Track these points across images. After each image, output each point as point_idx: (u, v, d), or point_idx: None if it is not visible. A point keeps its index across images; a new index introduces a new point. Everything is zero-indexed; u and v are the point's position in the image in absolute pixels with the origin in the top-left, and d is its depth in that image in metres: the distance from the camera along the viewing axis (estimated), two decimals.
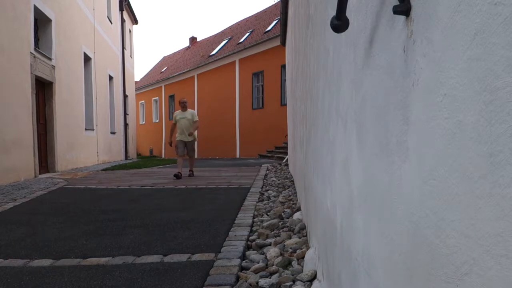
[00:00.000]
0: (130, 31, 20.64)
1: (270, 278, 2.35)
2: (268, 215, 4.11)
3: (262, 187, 6.17)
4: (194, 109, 24.26)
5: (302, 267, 2.48)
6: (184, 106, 8.19)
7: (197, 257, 2.76)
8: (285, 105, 12.28)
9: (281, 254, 2.71)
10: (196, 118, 8.18)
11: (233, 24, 24.92)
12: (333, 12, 0.99)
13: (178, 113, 8.22)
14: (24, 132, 8.16)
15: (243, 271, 2.50)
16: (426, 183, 0.65)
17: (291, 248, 2.86)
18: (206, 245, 3.05)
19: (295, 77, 5.27)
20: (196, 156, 9.51)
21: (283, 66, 14.50)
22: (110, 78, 15.94)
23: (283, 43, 10.21)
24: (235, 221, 3.79)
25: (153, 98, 27.99)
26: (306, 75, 3.32)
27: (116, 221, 3.99)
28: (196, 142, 8.54)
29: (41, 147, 9.36)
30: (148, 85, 28.52)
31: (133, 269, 2.56)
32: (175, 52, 32.17)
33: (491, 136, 0.47)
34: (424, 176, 0.66)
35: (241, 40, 20.13)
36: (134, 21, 21.28)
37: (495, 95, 0.46)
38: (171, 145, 8.21)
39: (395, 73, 0.81)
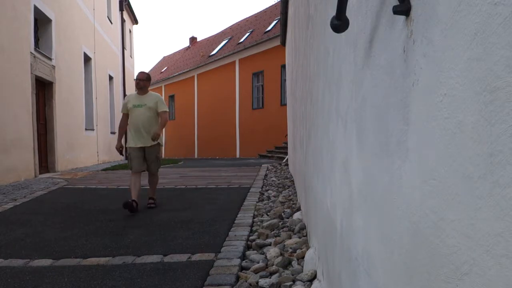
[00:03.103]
0: (130, 31, 20.63)
1: (270, 278, 2.35)
2: (268, 215, 4.11)
3: (262, 187, 6.17)
4: (194, 109, 24.38)
5: (302, 267, 2.48)
6: (142, 86, 4.78)
7: (197, 257, 2.76)
8: (285, 105, 12.28)
9: (281, 254, 2.71)
10: (164, 108, 4.79)
11: (233, 24, 24.92)
12: (333, 12, 0.99)
13: (131, 98, 4.81)
14: (24, 132, 8.15)
15: (243, 271, 2.50)
16: (426, 183, 0.65)
17: (291, 248, 2.86)
18: (206, 245, 3.05)
19: (295, 77, 5.27)
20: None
21: (283, 66, 14.50)
22: (110, 78, 15.94)
23: (283, 43, 10.21)
24: (235, 221, 3.79)
25: None
26: (306, 75, 3.32)
27: (116, 221, 3.99)
28: (161, 148, 5.05)
29: (41, 147, 9.36)
30: None
31: (133, 269, 2.56)
32: (175, 52, 32.16)
33: (491, 136, 0.47)
34: (424, 176, 0.66)
35: (241, 40, 20.13)
36: (134, 21, 21.27)
37: (495, 95, 0.46)
38: (121, 153, 4.82)
39: (395, 73, 0.81)
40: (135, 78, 4.89)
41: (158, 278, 2.38)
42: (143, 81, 4.81)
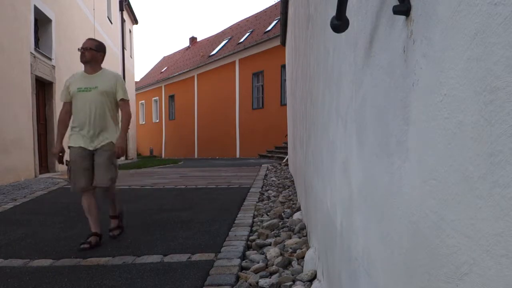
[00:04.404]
0: (130, 31, 20.63)
1: (270, 278, 2.35)
2: (268, 215, 4.10)
3: (262, 187, 6.17)
4: (194, 109, 24.36)
5: (302, 267, 2.47)
6: (89, 59, 3.18)
7: (197, 257, 2.76)
8: (285, 105, 12.28)
9: (281, 254, 2.71)
10: (125, 95, 3.24)
11: (233, 24, 24.91)
12: (333, 12, 0.99)
13: (75, 79, 3.21)
14: (24, 132, 8.15)
15: (243, 271, 2.50)
16: (426, 183, 0.65)
17: (291, 248, 2.86)
18: (206, 245, 3.05)
19: (295, 77, 5.27)
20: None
21: (283, 66, 14.50)
22: None
23: (283, 43, 10.20)
24: (235, 221, 3.79)
25: (153, 98, 28.00)
26: (306, 75, 3.32)
27: None
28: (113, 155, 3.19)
29: (41, 147, 9.36)
30: (148, 85, 28.52)
31: (133, 269, 2.56)
32: (175, 52, 32.16)
33: (491, 136, 0.47)
34: (424, 176, 0.66)
35: (241, 40, 20.13)
36: (134, 21, 21.27)
37: (495, 95, 0.46)
38: (61, 161, 3.18)
39: (395, 73, 0.81)
40: (82, 46, 3.20)
41: (158, 278, 2.38)
42: (91, 51, 3.14)
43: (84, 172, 3.12)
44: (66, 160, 3.18)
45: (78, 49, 3.22)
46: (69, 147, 3.19)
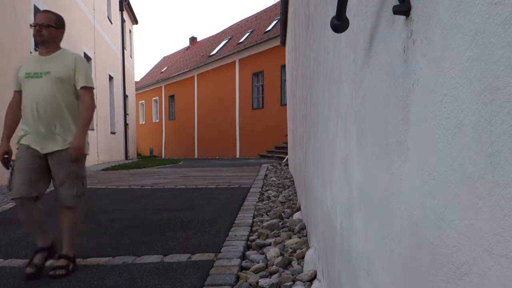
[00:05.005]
0: (130, 31, 20.64)
1: (270, 278, 2.35)
2: (268, 215, 4.11)
3: (262, 187, 6.17)
4: (194, 109, 24.33)
5: (302, 267, 2.48)
6: (45, 39, 2.51)
7: (197, 257, 2.76)
8: (285, 105, 12.29)
9: (281, 254, 2.71)
10: (87, 82, 2.52)
11: (233, 24, 24.92)
12: (333, 12, 0.99)
13: (29, 61, 2.74)
14: None
15: (243, 271, 2.50)
16: (426, 183, 0.65)
17: (291, 248, 2.86)
18: (206, 245, 3.05)
19: (295, 77, 5.27)
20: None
21: (283, 66, 14.50)
22: (110, 78, 15.95)
23: (283, 43, 10.21)
24: (235, 221, 3.79)
25: (153, 98, 28.01)
26: (306, 75, 3.32)
27: (116, 221, 3.98)
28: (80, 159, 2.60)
29: None
30: (148, 85, 28.53)
31: (133, 269, 2.56)
32: (175, 52, 32.17)
33: (491, 136, 0.47)
34: (424, 176, 0.66)
35: (241, 40, 20.14)
36: (134, 21, 21.28)
37: (495, 95, 0.46)
38: (7, 164, 2.52)
39: (395, 73, 0.81)
40: (34, 22, 2.52)
41: (158, 278, 2.38)
42: (49, 29, 2.52)
43: (28, 173, 2.41)
44: (12, 160, 2.49)
45: (30, 25, 2.54)
46: (19, 146, 2.53)
